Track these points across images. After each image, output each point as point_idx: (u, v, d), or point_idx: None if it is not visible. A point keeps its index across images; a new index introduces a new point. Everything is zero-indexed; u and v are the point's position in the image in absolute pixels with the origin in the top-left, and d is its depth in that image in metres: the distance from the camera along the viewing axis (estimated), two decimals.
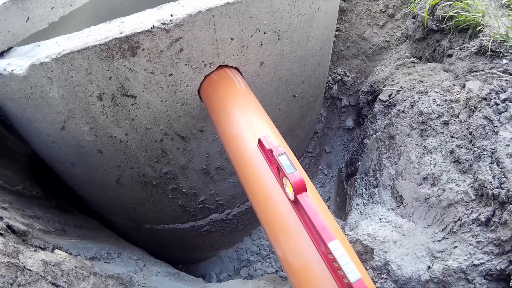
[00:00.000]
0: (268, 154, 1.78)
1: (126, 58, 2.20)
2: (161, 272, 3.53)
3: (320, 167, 5.33)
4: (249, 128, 2.08)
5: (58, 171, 3.40)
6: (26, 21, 3.37)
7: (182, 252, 4.91)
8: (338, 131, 5.21)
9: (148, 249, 4.32)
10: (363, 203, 3.26)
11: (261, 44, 2.60)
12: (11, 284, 1.77)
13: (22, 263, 1.94)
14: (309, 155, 5.32)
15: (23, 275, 1.87)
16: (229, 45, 2.44)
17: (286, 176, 1.59)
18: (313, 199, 1.60)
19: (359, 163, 3.74)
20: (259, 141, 1.84)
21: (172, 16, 2.17)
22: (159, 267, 3.65)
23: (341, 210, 4.09)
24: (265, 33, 2.56)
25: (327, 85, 5.06)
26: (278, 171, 1.70)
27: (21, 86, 2.31)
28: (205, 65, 2.43)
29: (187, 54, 2.31)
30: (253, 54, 2.61)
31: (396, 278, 2.35)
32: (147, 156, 2.92)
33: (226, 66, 2.54)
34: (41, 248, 2.39)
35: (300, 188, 1.56)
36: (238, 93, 2.32)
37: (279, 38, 2.68)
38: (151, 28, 2.13)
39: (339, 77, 4.96)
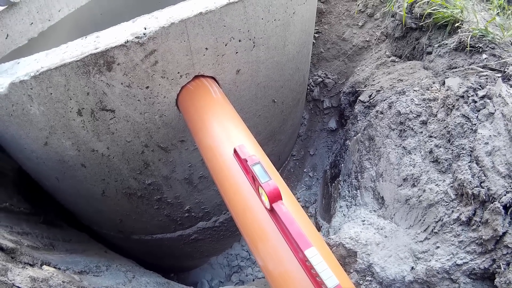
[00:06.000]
0: (244, 164, 1.79)
1: (102, 73, 2.21)
2: (150, 282, 3.52)
3: (305, 170, 5.35)
4: (226, 137, 2.09)
5: (44, 186, 3.39)
6: (6, 38, 3.38)
7: (173, 261, 4.91)
8: (322, 133, 5.23)
9: (139, 259, 4.31)
10: (346, 205, 3.27)
11: (237, 52, 2.61)
12: None
13: (10, 281, 1.95)
14: (294, 158, 5.34)
15: None
16: (204, 55, 2.45)
17: (261, 186, 1.59)
18: (289, 207, 1.61)
19: (342, 165, 3.74)
20: (235, 151, 1.84)
21: (145, 29, 2.18)
22: (149, 278, 3.65)
23: (326, 212, 4.09)
24: (239, 40, 2.57)
25: (308, 87, 5.08)
26: (254, 181, 1.70)
27: (3, 104, 2.30)
28: (181, 76, 2.44)
29: (162, 66, 2.32)
30: (228, 62, 2.62)
31: (381, 280, 2.36)
32: (129, 168, 2.92)
33: (202, 76, 2.55)
34: (30, 265, 2.39)
35: (275, 197, 1.57)
36: (214, 102, 2.33)
37: (254, 45, 2.69)
38: (125, 42, 2.14)
39: (320, 79, 4.98)
